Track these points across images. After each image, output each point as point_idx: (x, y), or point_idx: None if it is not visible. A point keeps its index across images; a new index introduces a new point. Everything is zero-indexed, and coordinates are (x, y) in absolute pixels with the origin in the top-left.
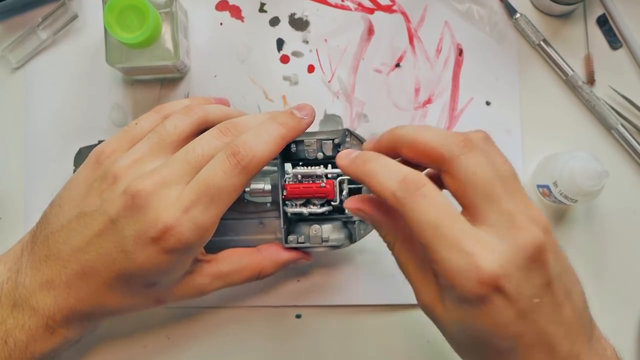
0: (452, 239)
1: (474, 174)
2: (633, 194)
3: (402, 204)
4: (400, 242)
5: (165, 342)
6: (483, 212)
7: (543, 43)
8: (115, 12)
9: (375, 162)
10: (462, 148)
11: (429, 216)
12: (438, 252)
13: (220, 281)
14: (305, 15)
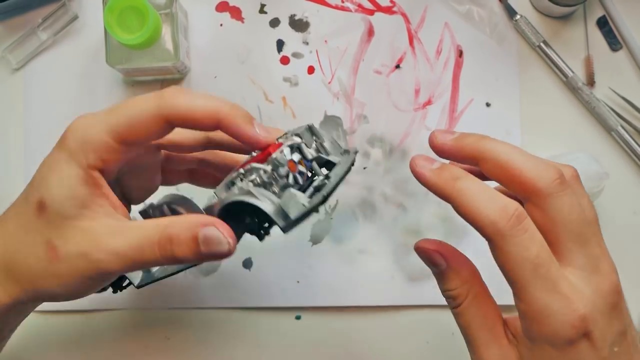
0: (550, 280)
1: (569, 214)
2: (633, 195)
3: (502, 237)
4: (471, 297)
5: (165, 342)
6: (571, 254)
7: (543, 44)
8: (116, 13)
9: (468, 182)
10: (559, 185)
11: (530, 254)
12: (532, 293)
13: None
14: (305, 16)
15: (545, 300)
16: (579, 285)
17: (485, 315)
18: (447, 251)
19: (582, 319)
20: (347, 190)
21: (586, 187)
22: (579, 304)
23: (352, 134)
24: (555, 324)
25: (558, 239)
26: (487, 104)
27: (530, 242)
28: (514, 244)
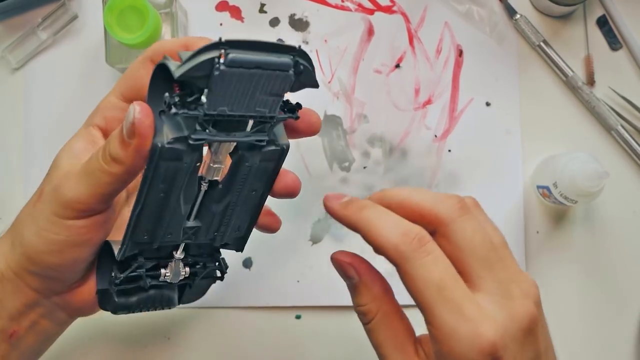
0: (455, 303)
1: (471, 239)
2: (633, 194)
3: (405, 260)
4: (381, 315)
5: (165, 342)
6: (480, 279)
7: (543, 44)
8: (116, 13)
9: (374, 211)
10: (459, 210)
11: (433, 276)
12: (439, 316)
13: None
14: (305, 15)
15: (452, 324)
16: (490, 310)
17: (395, 333)
18: (361, 265)
19: (491, 344)
20: (347, 190)
21: (586, 187)
22: (488, 329)
23: (352, 133)
24: (463, 348)
25: (465, 264)
26: (487, 103)
27: (433, 264)
28: (417, 266)
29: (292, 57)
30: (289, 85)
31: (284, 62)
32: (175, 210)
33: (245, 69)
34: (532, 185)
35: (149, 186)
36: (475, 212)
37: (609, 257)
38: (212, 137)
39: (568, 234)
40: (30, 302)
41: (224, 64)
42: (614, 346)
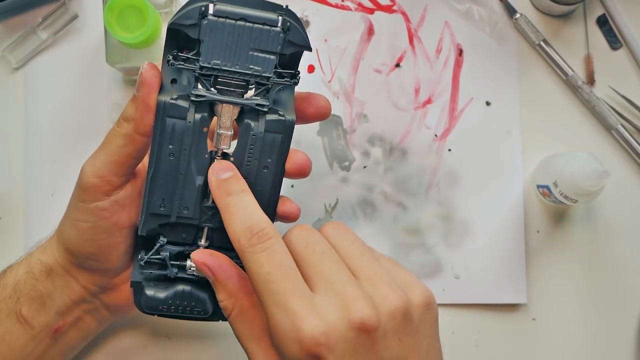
0: (281, 296)
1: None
2: (633, 194)
3: (243, 253)
4: (237, 310)
5: (165, 342)
6: (314, 284)
7: (543, 43)
8: (116, 12)
9: (237, 199)
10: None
11: (263, 270)
12: (267, 308)
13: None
14: (305, 15)
15: (277, 316)
16: (323, 308)
17: (252, 327)
18: (215, 264)
19: (311, 339)
20: (347, 189)
21: (586, 186)
22: (309, 324)
23: (352, 133)
24: (287, 342)
25: (303, 273)
26: (487, 102)
27: (266, 260)
28: (251, 260)
29: (278, 14)
30: (278, 43)
31: (270, 18)
32: (187, 178)
33: (232, 20)
34: (532, 185)
35: (158, 145)
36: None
37: (609, 257)
38: (212, 95)
39: (568, 233)
40: (78, 298)
41: (211, 14)
42: (614, 346)
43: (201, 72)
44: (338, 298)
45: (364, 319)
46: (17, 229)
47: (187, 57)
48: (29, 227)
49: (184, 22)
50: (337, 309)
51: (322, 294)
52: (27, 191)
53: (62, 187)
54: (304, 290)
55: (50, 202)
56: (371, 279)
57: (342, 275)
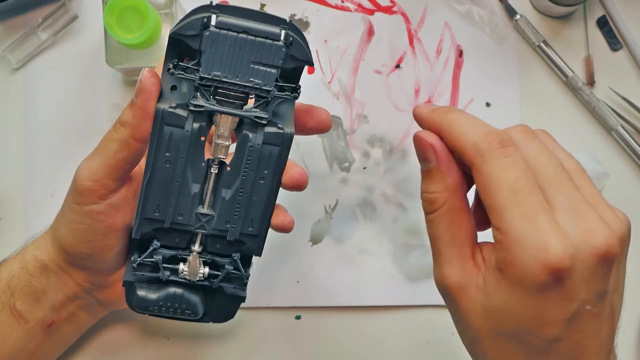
0: (528, 208)
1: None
2: (633, 194)
3: (483, 158)
4: (447, 207)
5: (165, 342)
6: (552, 198)
7: (543, 44)
8: (115, 13)
9: (459, 114)
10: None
11: (508, 177)
12: (508, 220)
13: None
14: (305, 16)
15: (521, 230)
16: (567, 227)
17: (456, 230)
18: (442, 151)
19: (558, 261)
20: (347, 190)
21: None
22: (559, 245)
23: (352, 133)
24: (527, 259)
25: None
26: (487, 103)
27: (511, 166)
28: (493, 165)
29: (281, 28)
30: (280, 57)
31: (273, 31)
32: (183, 185)
33: (234, 32)
34: None
35: (154, 152)
36: (544, 138)
37: None
38: (211, 105)
39: None
40: (72, 294)
41: (213, 26)
42: (614, 346)
43: (201, 83)
44: (581, 219)
45: (609, 247)
46: (17, 229)
47: (187, 66)
48: (29, 227)
49: (186, 32)
50: (581, 231)
51: (563, 213)
52: (27, 191)
53: (62, 187)
54: (547, 206)
55: (50, 202)
56: (595, 199)
57: (578, 193)
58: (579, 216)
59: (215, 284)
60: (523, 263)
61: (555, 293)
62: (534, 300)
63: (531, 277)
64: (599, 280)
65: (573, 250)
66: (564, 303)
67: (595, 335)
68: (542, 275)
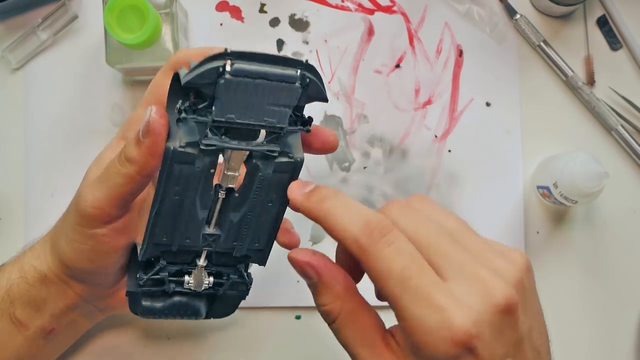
0: (422, 292)
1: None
2: (633, 194)
3: (366, 253)
4: (344, 314)
5: (165, 342)
6: (441, 268)
7: (543, 44)
8: (116, 13)
9: (335, 201)
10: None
11: (396, 266)
12: (406, 308)
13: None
14: (305, 16)
15: (420, 314)
16: (462, 296)
17: (362, 330)
18: (320, 264)
19: (465, 333)
20: (347, 190)
21: (586, 187)
22: (460, 316)
23: (352, 133)
24: (434, 340)
25: (426, 256)
26: (487, 103)
27: (396, 254)
28: (378, 258)
29: (298, 70)
30: (296, 98)
31: (289, 75)
32: (191, 213)
33: (250, 79)
34: (532, 186)
35: (163, 188)
36: (419, 204)
37: (609, 257)
38: (223, 143)
39: (568, 234)
40: (72, 304)
41: (229, 73)
42: (614, 346)
43: (213, 124)
44: (473, 281)
45: (508, 299)
46: (17, 229)
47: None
48: (29, 228)
49: (200, 81)
50: (477, 294)
51: (455, 281)
52: (27, 191)
53: (62, 188)
54: (439, 281)
55: (50, 202)
56: (482, 254)
57: (464, 254)
58: (470, 279)
59: (220, 291)
60: (431, 345)
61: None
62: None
63: (443, 355)
64: (510, 332)
65: (475, 316)
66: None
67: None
68: (453, 350)
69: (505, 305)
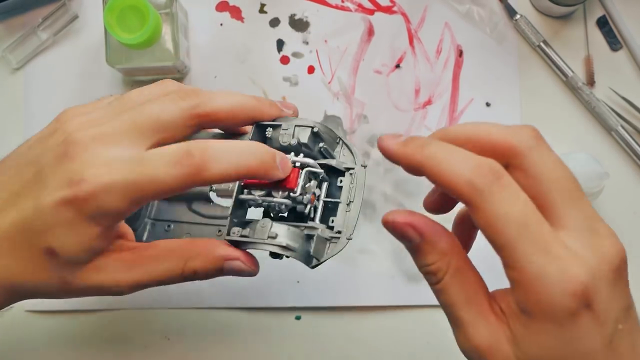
0: (541, 241)
1: (554, 170)
2: (633, 195)
3: (481, 196)
4: (452, 271)
5: (165, 342)
6: (565, 216)
7: (543, 44)
8: (116, 13)
9: (438, 147)
10: (536, 140)
11: (514, 211)
12: (522, 257)
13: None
14: (305, 16)
15: (539, 264)
16: (578, 248)
17: (468, 290)
18: (421, 222)
19: (584, 286)
20: None
21: (586, 187)
22: (579, 269)
23: (352, 133)
24: (553, 292)
25: (547, 199)
26: (487, 103)
27: (514, 198)
28: (494, 201)
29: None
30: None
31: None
32: None
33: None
34: None
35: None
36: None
37: None
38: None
39: None
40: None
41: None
42: None
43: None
44: (593, 236)
45: (622, 255)
46: None
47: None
48: None
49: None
50: (595, 248)
51: (573, 230)
52: None
53: None
54: (554, 231)
55: None
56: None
57: (589, 207)
58: (592, 234)
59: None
60: (549, 296)
61: (588, 319)
62: (570, 333)
63: (560, 308)
64: (622, 295)
65: (594, 271)
66: (599, 328)
67: (631, 353)
68: (572, 303)
69: (619, 264)
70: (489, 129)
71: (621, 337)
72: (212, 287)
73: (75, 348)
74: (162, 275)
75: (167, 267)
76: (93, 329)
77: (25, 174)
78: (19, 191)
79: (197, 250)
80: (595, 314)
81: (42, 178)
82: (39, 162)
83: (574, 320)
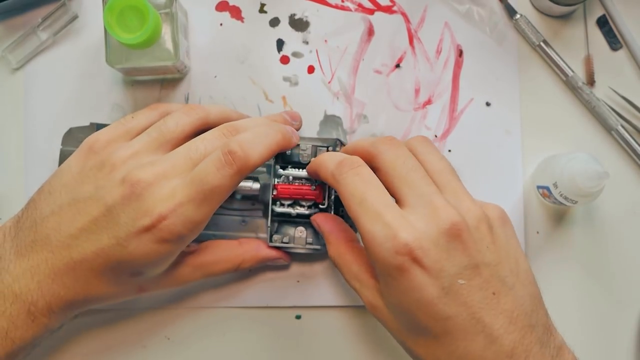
0: (374, 211)
1: (391, 162)
2: (633, 195)
3: (337, 180)
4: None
5: (165, 342)
6: (403, 196)
7: (543, 44)
8: (116, 13)
9: (324, 155)
10: (387, 145)
11: (356, 189)
12: (363, 224)
13: (200, 271)
14: (305, 15)
15: (372, 230)
16: (413, 220)
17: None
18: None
19: (407, 245)
20: None
21: (586, 187)
22: (404, 232)
23: (352, 133)
24: (382, 251)
25: (393, 186)
26: (487, 103)
27: (358, 181)
28: (346, 184)
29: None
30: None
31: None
32: None
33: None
34: (532, 185)
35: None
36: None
37: (609, 257)
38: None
39: (568, 234)
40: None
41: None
42: (614, 346)
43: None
44: (427, 208)
45: (453, 222)
46: None
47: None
48: None
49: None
50: (427, 217)
51: (411, 206)
52: (27, 191)
53: None
54: (395, 206)
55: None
56: (455, 193)
57: (429, 187)
58: (426, 207)
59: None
60: (380, 255)
61: (418, 272)
62: (406, 283)
63: (390, 264)
64: (459, 255)
65: (419, 234)
66: (433, 280)
67: (492, 309)
68: (398, 260)
69: (449, 229)
70: (362, 142)
71: (467, 291)
72: (212, 286)
73: (75, 348)
74: (219, 273)
75: (224, 267)
76: (92, 329)
77: (92, 212)
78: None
79: (247, 256)
80: (425, 268)
81: (113, 217)
82: (105, 202)
83: (404, 273)
